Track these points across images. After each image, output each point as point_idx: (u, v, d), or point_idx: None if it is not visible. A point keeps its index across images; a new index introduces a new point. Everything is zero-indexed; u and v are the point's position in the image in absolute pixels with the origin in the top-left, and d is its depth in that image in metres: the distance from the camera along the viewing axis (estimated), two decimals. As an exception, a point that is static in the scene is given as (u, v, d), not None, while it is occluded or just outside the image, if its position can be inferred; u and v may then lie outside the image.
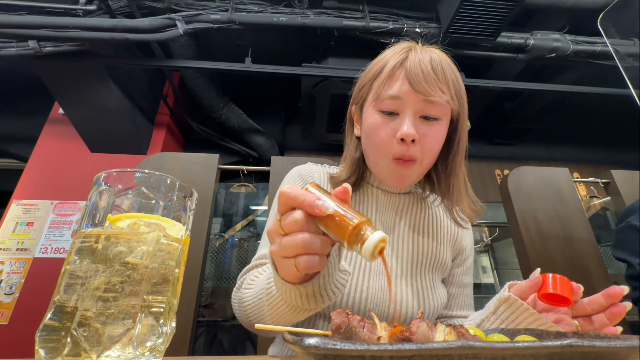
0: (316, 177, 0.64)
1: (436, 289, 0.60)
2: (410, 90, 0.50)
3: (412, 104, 0.51)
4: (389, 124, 0.52)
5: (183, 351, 1.10)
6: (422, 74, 0.50)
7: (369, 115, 0.55)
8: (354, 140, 0.63)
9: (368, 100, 0.56)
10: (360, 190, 0.64)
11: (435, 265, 0.61)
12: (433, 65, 0.51)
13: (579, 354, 0.24)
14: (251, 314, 0.49)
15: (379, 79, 0.54)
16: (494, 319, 0.47)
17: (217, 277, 2.60)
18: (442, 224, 0.65)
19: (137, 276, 0.29)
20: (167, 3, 1.75)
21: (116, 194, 0.31)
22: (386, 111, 0.52)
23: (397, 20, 1.88)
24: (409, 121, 0.50)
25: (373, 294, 0.54)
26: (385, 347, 0.24)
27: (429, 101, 0.50)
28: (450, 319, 0.63)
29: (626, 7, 1.19)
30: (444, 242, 0.63)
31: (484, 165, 3.17)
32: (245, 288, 0.53)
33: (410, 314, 0.55)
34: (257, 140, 2.76)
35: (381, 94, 0.52)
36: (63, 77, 1.89)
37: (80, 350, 0.26)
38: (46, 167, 2.24)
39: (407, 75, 0.51)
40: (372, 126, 0.54)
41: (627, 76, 1.07)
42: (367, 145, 0.57)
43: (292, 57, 2.09)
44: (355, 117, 0.63)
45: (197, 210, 0.60)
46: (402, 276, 0.58)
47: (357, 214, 0.30)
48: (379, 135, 0.53)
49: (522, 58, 2.02)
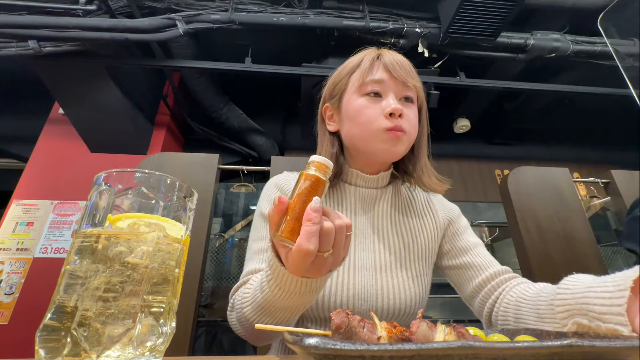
0: (292, 184, 0.65)
1: (427, 276, 0.62)
2: (390, 77, 0.58)
3: (393, 87, 0.58)
4: (375, 105, 0.58)
5: (183, 351, 1.10)
6: (397, 65, 0.59)
7: (352, 102, 0.60)
8: (329, 136, 0.65)
9: (348, 91, 0.61)
10: (337, 188, 0.65)
11: (422, 253, 0.62)
12: (403, 61, 0.60)
13: (579, 354, 0.24)
14: (252, 316, 0.48)
15: (358, 70, 0.60)
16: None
17: (217, 277, 2.60)
18: (422, 209, 0.68)
19: (137, 276, 0.29)
20: (167, 3, 1.75)
21: (116, 194, 0.31)
22: (371, 92, 0.58)
23: (397, 20, 1.88)
24: (394, 99, 0.57)
25: (360, 290, 0.56)
26: (385, 347, 0.24)
27: (405, 85, 0.58)
28: (492, 281, 0.58)
29: (626, 7, 1.19)
30: (427, 226, 0.66)
31: (484, 165, 3.17)
32: (241, 300, 0.52)
33: (403, 304, 0.56)
34: (257, 140, 2.76)
35: (365, 80, 0.58)
36: (63, 77, 1.89)
37: (80, 350, 0.26)
38: (46, 167, 2.24)
39: (385, 66, 0.59)
40: (359, 107, 0.58)
41: (627, 76, 1.07)
42: (353, 128, 0.59)
43: (292, 57, 2.09)
44: (329, 113, 0.66)
45: (197, 210, 0.60)
46: (390, 268, 0.59)
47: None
48: (367, 114, 0.57)
49: (522, 58, 2.02)
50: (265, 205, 0.64)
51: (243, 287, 0.55)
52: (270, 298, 0.43)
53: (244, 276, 0.57)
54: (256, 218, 0.64)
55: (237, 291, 0.56)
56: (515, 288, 0.55)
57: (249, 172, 1.62)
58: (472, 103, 2.66)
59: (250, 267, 0.58)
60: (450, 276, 0.66)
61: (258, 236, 0.61)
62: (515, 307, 0.51)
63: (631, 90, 1.03)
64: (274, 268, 0.41)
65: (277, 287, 0.41)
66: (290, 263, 0.37)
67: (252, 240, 0.62)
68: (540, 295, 0.47)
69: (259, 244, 0.60)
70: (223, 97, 2.55)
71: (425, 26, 1.88)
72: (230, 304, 0.56)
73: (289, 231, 0.34)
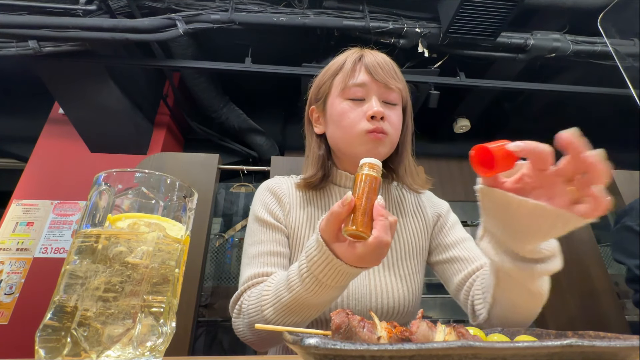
0: (284, 188, 0.66)
1: (419, 275, 0.62)
2: (372, 79, 0.58)
3: (375, 90, 0.58)
4: (358, 108, 0.58)
5: (183, 351, 1.10)
6: (379, 67, 0.59)
7: (336, 105, 0.60)
8: (316, 138, 0.67)
9: (332, 94, 0.62)
10: (326, 190, 0.66)
11: (413, 252, 0.63)
12: (385, 62, 0.60)
13: (578, 354, 0.24)
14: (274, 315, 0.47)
15: (341, 73, 0.61)
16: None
17: (217, 277, 2.60)
18: (411, 208, 0.68)
19: (137, 276, 0.29)
20: (167, 3, 1.75)
21: (116, 194, 0.31)
22: (354, 98, 0.59)
23: (397, 20, 1.88)
24: (376, 102, 0.57)
25: (353, 291, 0.56)
26: (385, 347, 0.24)
27: (388, 87, 0.59)
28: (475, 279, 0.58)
29: (626, 7, 1.19)
30: (417, 224, 0.66)
31: (484, 165, 3.17)
32: (260, 296, 0.50)
33: (395, 304, 0.57)
34: (257, 140, 2.76)
35: (347, 84, 0.59)
36: (63, 77, 1.88)
37: (80, 350, 0.26)
38: (46, 167, 2.24)
39: (367, 68, 0.59)
40: (342, 111, 0.59)
41: (627, 76, 1.07)
42: (336, 131, 0.60)
43: (292, 57, 2.09)
44: (315, 115, 0.67)
45: (197, 210, 0.60)
46: (382, 268, 0.59)
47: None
48: (350, 117, 0.58)
49: (522, 58, 2.02)
50: (261, 209, 0.63)
51: (249, 292, 0.53)
52: (303, 295, 0.43)
53: (246, 281, 0.56)
54: (251, 222, 0.64)
55: (242, 296, 0.54)
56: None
57: (249, 172, 1.63)
58: (472, 103, 2.66)
59: (252, 271, 0.56)
60: (439, 272, 0.66)
61: (255, 240, 0.60)
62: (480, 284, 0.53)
63: (631, 90, 1.03)
64: (323, 260, 0.41)
65: (314, 282, 0.42)
66: (359, 254, 0.38)
67: (248, 245, 0.61)
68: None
69: (257, 248, 0.59)
70: (223, 97, 2.55)
71: (425, 26, 1.88)
72: (237, 310, 0.54)
73: (362, 225, 0.37)
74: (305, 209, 0.64)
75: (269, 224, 0.61)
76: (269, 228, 0.61)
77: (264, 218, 0.62)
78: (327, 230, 0.40)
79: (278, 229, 0.61)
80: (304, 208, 0.64)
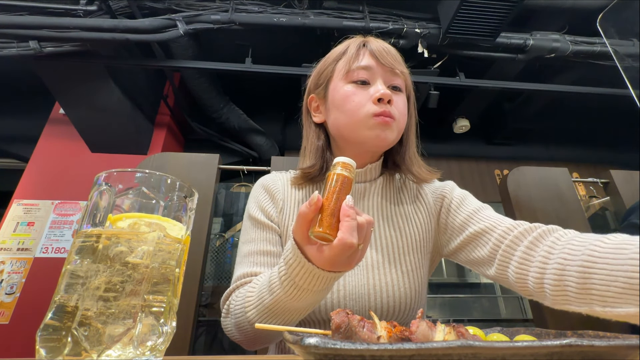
0: (279, 185, 0.64)
1: (423, 269, 0.59)
2: (377, 63, 0.56)
3: (382, 74, 0.56)
4: (363, 91, 0.55)
5: (183, 351, 1.10)
6: (385, 52, 0.57)
7: (339, 89, 0.57)
8: (314, 128, 0.63)
9: (334, 79, 0.59)
10: (323, 185, 0.64)
11: (416, 244, 0.59)
12: (390, 48, 0.59)
13: (578, 354, 0.24)
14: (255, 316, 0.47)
15: (344, 57, 0.58)
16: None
17: (217, 277, 2.60)
18: (414, 196, 0.64)
19: (138, 276, 0.29)
20: (168, 3, 1.75)
21: (117, 194, 0.31)
22: (359, 80, 0.56)
23: (397, 20, 1.88)
24: (382, 85, 0.55)
25: (351, 290, 0.54)
26: (385, 346, 0.24)
27: (393, 72, 0.57)
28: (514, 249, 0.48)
29: (625, 7, 1.19)
30: (419, 214, 0.62)
31: (484, 165, 3.17)
32: (243, 299, 0.50)
33: (397, 302, 0.54)
34: (257, 140, 2.76)
35: (352, 66, 0.56)
36: (64, 77, 1.89)
37: (80, 349, 0.26)
38: (47, 167, 2.24)
39: (372, 53, 0.57)
40: (346, 94, 0.56)
41: (627, 76, 1.07)
42: (340, 116, 0.57)
43: (292, 57, 2.09)
44: (315, 104, 0.64)
45: (198, 210, 0.60)
46: (382, 265, 0.56)
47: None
48: (355, 100, 0.55)
49: (522, 58, 2.02)
50: (254, 207, 0.63)
51: (237, 292, 0.54)
52: (283, 298, 0.42)
53: (236, 280, 0.56)
54: (245, 220, 0.63)
55: (231, 296, 0.54)
56: (559, 241, 0.44)
57: (249, 172, 1.63)
58: (472, 103, 2.66)
59: (241, 271, 0.56)
60: (462, 260, 0.57)
61: (247, 239, 0.60)
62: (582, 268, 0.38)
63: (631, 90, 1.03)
64: (297, 264, 0.40)
65: (292, 286, 0.41)
66: (327, 257, 0.37)
67: (241, 243, 0.61)
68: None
69: (249, 247, 0.59)
70: (223, 97, 2.55)
71: (425, 26, 1.88)
72: (225, 309, 0.54)
73: (328, 226, 0.36)
74: (300, 205, 0.62)
75: (261, 222, 0.60)
76: (260, 227, 0.60)
77: (256, 216, 0.61)
78: (297, 232, 0.39)
79: (270, 227, 0.60)
80: (298, 205, 0.62)
